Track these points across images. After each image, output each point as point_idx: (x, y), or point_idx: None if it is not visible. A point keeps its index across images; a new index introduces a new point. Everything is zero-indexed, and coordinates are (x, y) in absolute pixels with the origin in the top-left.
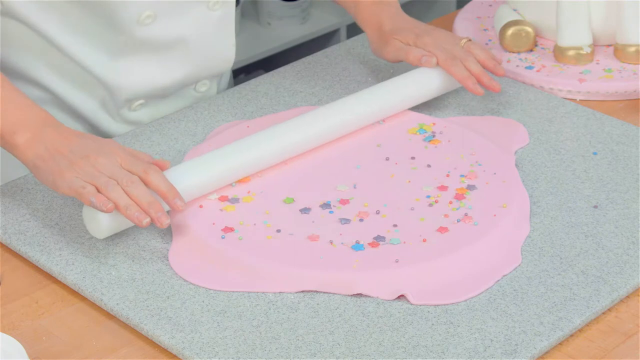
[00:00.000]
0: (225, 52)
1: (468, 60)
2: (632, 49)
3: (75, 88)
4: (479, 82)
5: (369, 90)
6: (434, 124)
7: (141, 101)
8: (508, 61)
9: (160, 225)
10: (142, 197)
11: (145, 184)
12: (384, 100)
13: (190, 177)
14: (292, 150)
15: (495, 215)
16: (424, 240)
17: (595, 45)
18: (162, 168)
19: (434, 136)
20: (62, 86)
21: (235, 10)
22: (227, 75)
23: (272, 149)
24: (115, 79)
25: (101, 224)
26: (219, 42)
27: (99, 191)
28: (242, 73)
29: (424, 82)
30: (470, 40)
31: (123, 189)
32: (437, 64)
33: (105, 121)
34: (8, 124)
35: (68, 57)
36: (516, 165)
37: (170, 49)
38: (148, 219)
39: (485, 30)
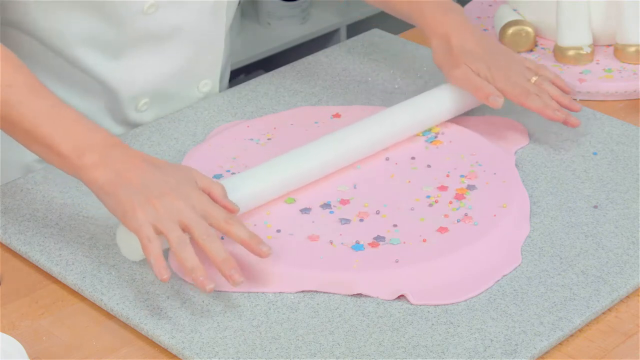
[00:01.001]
0: (217, 42)
1: (542, 96)
2: (632, 49)
3: (77, 93)
4: (557, 120)
5: (406, 106)
6: (437, 126)
7: (146, 100)
8: None
9: (233, 284)
10: (218, 254)
11: (225, 234)
12: (419, 117)
13: (242, 190)
14: (341, 162)
15: (495, 215)
16: (424, 241)
17: (595, 45)
18: (234, 212)
19: (435, 137)
20: (64, 92)
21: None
22: (227, 75)
23: (310, 165)
24: (117, 77)
25: (138, 249)
26: (212, 30)
27: (168, 243)
28: (242, 73)
29: (460, 94)
30: (540, 75)
31: (198, 242)
32: (510, 99)
33: (109, 126)
34: (74, 145)
35: (69, 62)
36: (516, 165)
37: (169, 39)
38: (212, 286)
39: (485, 30)
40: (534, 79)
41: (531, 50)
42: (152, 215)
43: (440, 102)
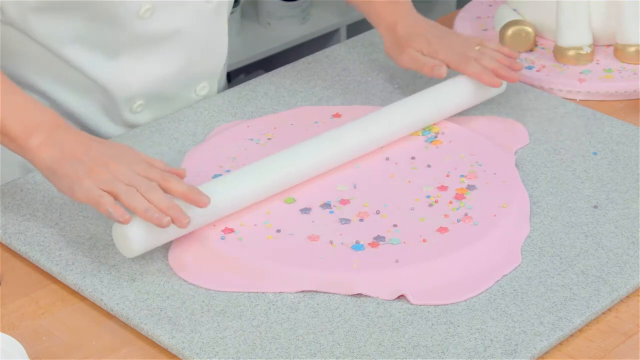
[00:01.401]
0: (219, 46)
1: (483, 59)
2: (632, 49)
3: (73, 93)
4: (498, 76)
5: (406, 103)
6: (437, 126)
7: (141, 102)
8: None
9: (181, 225)
10: (161, 201)
11: (165, 190)
12: (422, 114)
13: (221, 193)
14: (328, 163)
15: (495, 215)
16: (424, 240)
17: (595, 45)
18: (180, 177)
19: (435, 137)
20: (60, 92)
21: (235, 10)
22: (224, 78)
23: (305, 163)
24: (113, 79)
25: (132, 241)
26: (213, 35)
27: (117, 199)
28: (242, 73)
29: (457, 93)
30: (484, 45)
31: (142, 195)
32: (451, 68)
33: (106, 126)
34: (21, 127)
35: (65, 62)
36: (516, 165)
37: (167, 42)
38: (168, 219)
39: (485, 30)
40: (476, 48)
41: (531, 50)
42: (97, 179)
43: (438, 99)
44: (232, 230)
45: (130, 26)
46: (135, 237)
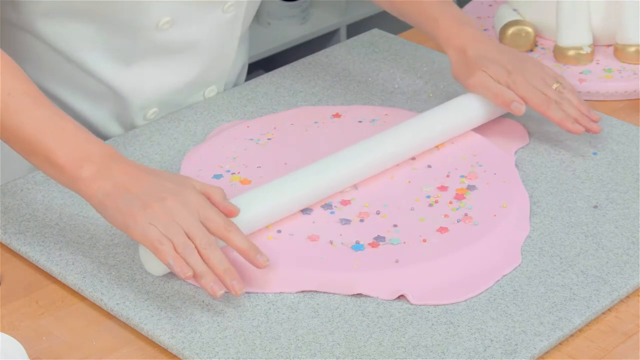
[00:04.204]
0: (230, 52)
1: (563, 104)
2: (632, 49)
3: (86, 99)
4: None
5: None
6: None
7: (155, 109)
8: None
9: (235, 294)
10: (219, 265)
11: (224, 240)
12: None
13: (253, 208)
14: (358, 176)
15: (495, 215)
16: (424, 241)
17: (595, 45)
18: (234, 215)
19: None
20: (73, 97)
21: None
22: (244, 74)
23: (333, 177)
24: (127, 86)
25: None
26: (226, 43)
27: (174, 246)
28: None
29: (477, 107)
30: (560, 83)
31: (199, 251)
32: (531, 107)
33: (116, 132)
34: (71, 157)
35: (79, 68)
36: (516, 165)
37: (184, 52)
38: (223, 291)
39: (485, 30)
40: (555, 85)
41: (531, 50)
42: (153, 218)
43: (462, 117)
44: None
45: (149, 37)
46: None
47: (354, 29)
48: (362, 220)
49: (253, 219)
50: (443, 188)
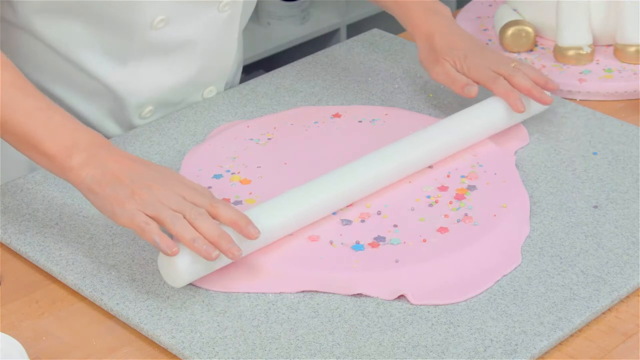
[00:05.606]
0: (228, 52)
1: (516, 76)
2: (632, 49)
3: (83, 97)
4: (530, 96)
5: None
6: None
7: (151, 108)
8: None
9: (233, 258)
10: (211, 230)
11: (213, 216)
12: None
13: (268, 218)
14: (373, 185)
15: (495, 215)
16: (424, 241)
17: (595, 45)
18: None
19: None
20: (69, 95)
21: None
22: (236, 76)
23: (356, 185)
24: (122, 84)
25: (179, 271)
26: (224, 43)
27: (162, 225)
28: (242, 73)
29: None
30: (519, 62)
31: (189, 222)
32: (481, 85)
33: (114, 130)
34: (61, 146)
35: (75, 66)
36: (516, 165)
37: (179, 51)
38: (217, 252)
39: (485, 30)
40: (513, 64)
41: (531, 50)
42: (140, 203)
43: (483, 124)
44: None
45: (143, 35)
46: (183, 267)
47: (354, 29)
48: (363, 221)
49: (267, 235)
50: (443, 188)
